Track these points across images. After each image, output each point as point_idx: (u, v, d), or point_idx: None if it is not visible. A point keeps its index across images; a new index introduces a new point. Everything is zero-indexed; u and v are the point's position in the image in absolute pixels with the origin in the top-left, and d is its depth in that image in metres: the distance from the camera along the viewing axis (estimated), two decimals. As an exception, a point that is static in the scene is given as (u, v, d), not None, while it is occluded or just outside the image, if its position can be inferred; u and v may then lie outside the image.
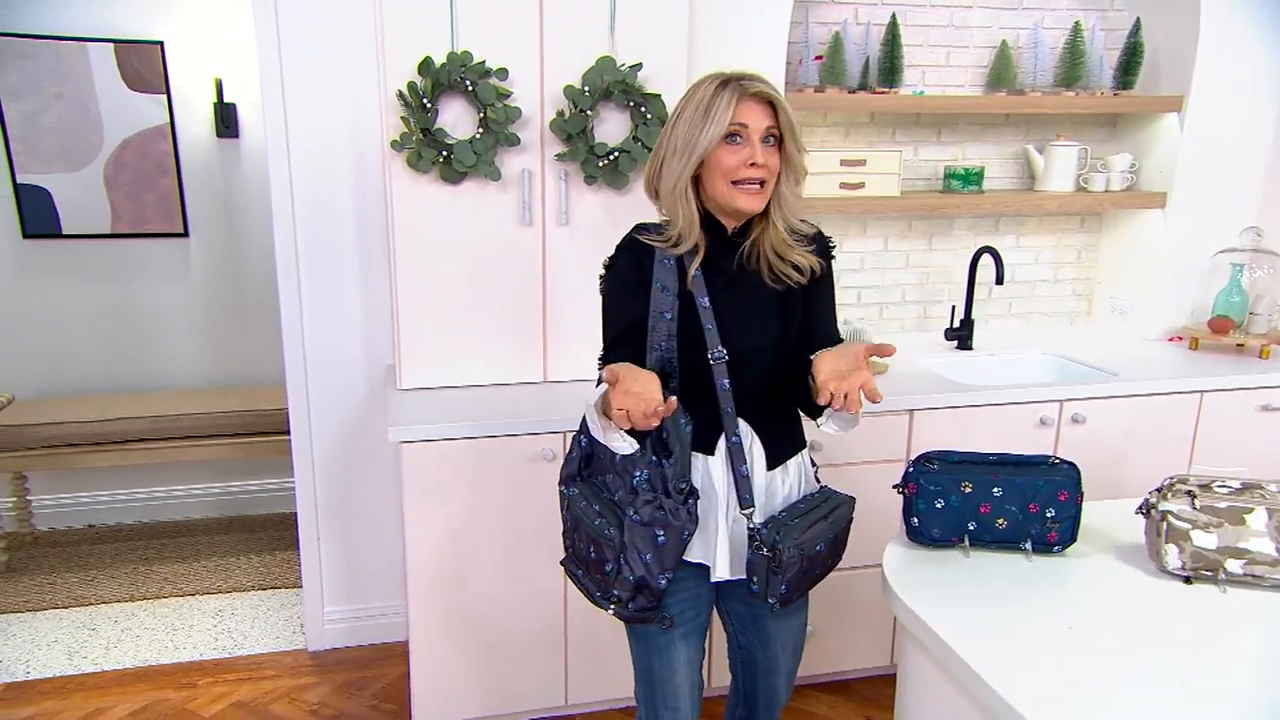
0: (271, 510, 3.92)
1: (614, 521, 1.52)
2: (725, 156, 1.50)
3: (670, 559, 1.50)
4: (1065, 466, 1.55)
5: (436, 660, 2.34)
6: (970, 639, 1.30)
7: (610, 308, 1.62)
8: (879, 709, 2.57)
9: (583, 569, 1.63)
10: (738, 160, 1.49)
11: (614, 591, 1.53)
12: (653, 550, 1.48)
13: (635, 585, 1.50)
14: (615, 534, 1.50)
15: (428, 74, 2.24)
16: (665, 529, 1.48)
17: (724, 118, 1.47)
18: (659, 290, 1.54)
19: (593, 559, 1.56)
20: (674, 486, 1.48)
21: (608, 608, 1.56)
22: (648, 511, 1.48)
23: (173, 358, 3.77)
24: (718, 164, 1.50)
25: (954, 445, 2.47)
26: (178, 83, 3.56)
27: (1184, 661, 1.26)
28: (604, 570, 1.53)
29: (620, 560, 1.50)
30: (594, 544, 1.55)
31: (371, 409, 2.75)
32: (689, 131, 1.49)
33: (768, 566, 1.50)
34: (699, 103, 1.49)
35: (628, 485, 1.53)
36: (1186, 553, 1.42)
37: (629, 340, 1.57)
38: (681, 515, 1.48)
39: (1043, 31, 2.95)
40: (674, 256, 1.56)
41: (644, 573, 1.49)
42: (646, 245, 1.58)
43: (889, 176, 2.80)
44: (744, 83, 1.49)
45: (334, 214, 2.61)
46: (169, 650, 2.87)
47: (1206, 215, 2.99)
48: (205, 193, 3.68)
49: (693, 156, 1.49)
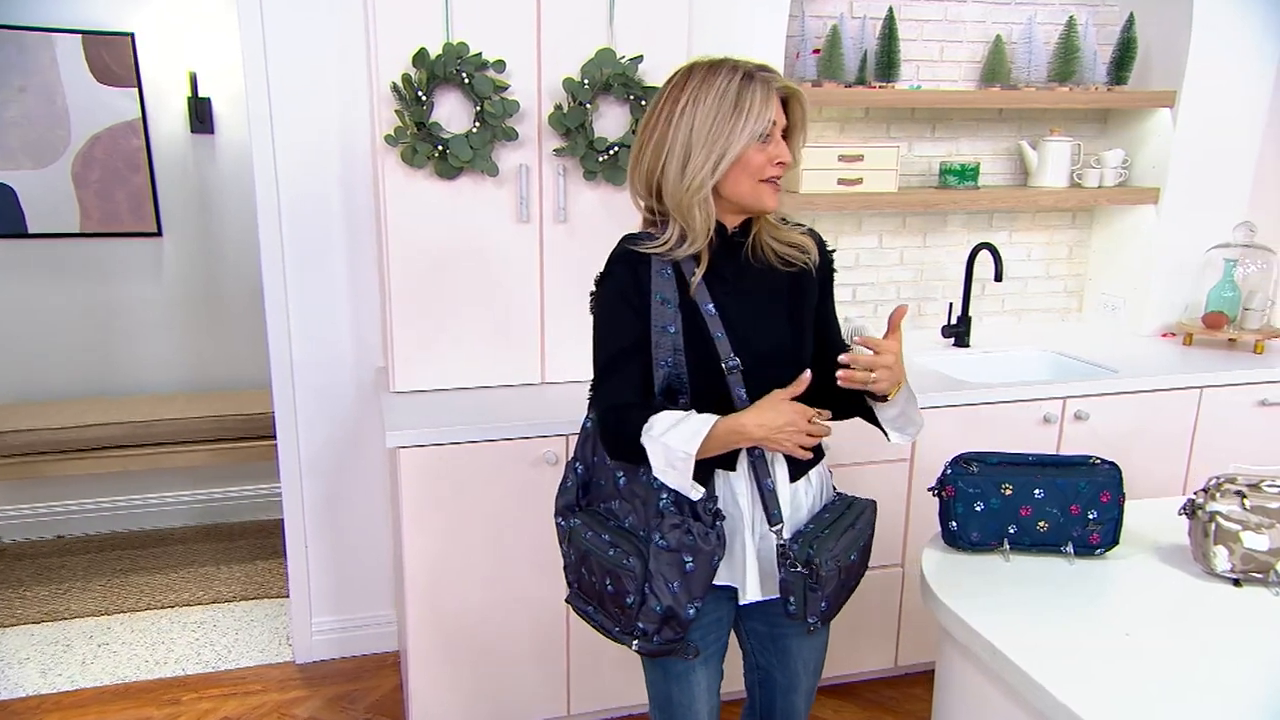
0: (253, 518, 3.81)
1: (632, 550, 1.44)
2: (755, 155, 1.42)
3: (699, 587, 1.41)
4: (1107, 467, 1.52)
5: (434, 671, 2.26)
6: (1025, 648, 1.26)
7: (606, 326, 1.50)
8: (884, 712, 2.54)
9: (594, 604, 1.54)
10: (766, 158, 1.42)
11: (638, 625, 1.43)
12: (680, 578, 1.39)
13: (663, 617, 1.41)
14: (637, 563, 1.42)
15: (422, 66, 2.16)
16: (695, 555, 1.39)
17: (764, 115, 1.39)
18: (659, 303, 1.45)
19: (610, 592, 1.46)
20: (703, 508, 1.41)
21: (630, 643, 1.47)
22: (676, 536, 1.39)
23: (147, 361, 3.64)
24: (747, 162, 1.41)
25: (959, 445, 2.46)
26: (149, 76, 3.44)
27: (1246, 669, 1.22)
28: (624, 603, 1.44)
29: (646, 590, 1.41)
30: (610, 576, 1.45)
31: (361, 412, 2.67)
32: (718, 126, 1.39)
33: (805, 584, 1.42)
34: (721, 94, 1.39)
35: (653, 509, 1.44)
36: (1236, 555, 1.39)
37: (630, 360, 1.46)
38: (711, 540, 1.40)
39: (1036, 26, 2.93)
40: (671, 266, 1.46)
41: (671, 602, 1.40)
42: (642, 256, 1.47)
43: (887, 172, 2.77)
44: (768, 76, 1.42)
45: (322, 211, 2.52)
46: (149, 665, 2.76)
47: (1199, 211, 2.99)
48: (179, 190, 3.56)
49: (727, 154, 1.39)
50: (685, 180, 1.41)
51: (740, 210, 1.50)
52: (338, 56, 2.43)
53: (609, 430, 1.46)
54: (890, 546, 2.52)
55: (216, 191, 3.59)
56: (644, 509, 1.47)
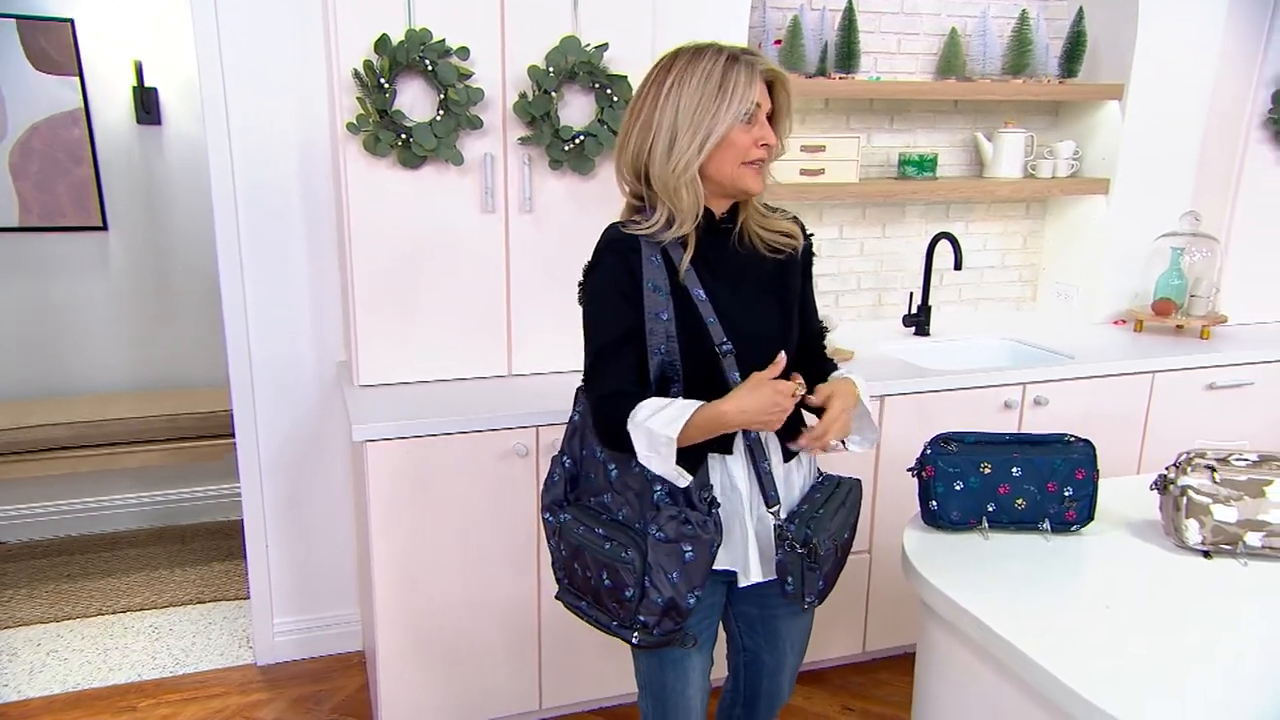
0: (206, 519, 3.71)
1: (629, 543, 1.43)
2: (740, 136, 1.42)
3: (699, 575, 1.41)
4: (1081, 444, 1.55)
5: (403, 668, 2.23)
6: (1012, 623, 1.28)
7: (599, 314, 1.49)
8: (853, 697, 2.57)
9: (588, 599, 1.53)
10: (750, 140, 1.43)
11: (639, 618, 1.43)
12: (680, 568, 1.39)
13: (664, 608, 1.41)
14: (635, 556, 1.41)
15: (384, 52, 2.12)
16: (694, 543, 1.39)
17: (748, 96, 1.40)
18: (651, 290, 1.44)
19: (608, 587, 1.45)
20: (698, 497, 1.41)
21: (631, 637, 1.46)
22: (673, 527, 1.39)
23: (94, 360, 3.52)
24: (731, 144, 1.42)
25: (923, 430, 2.49)
26: (92, 64, 3.32)
27: (1223, 637, 1.26)
28: (623, 597, 1.43)
29: (645, 583, 1.40)
30: (608, 570, 1.45)
31: (323, 408, 2.61)
32: (703, 107, 1.39)
33: (803, 564, 1.43)
34: (706, 76, 1.39)
35: (648, 502, 1.44)
36: (1207, 527, 1.43)
37: (625, 347, 1.45)
38: (710, 528, 1.40)
39: (990, 20, 2.98)
40: (660, 254, 1.45)
41: (672, 594, 1.40)
42: (632, 242, 1.46)
43: (848, 163, 2.80)
44: (752, 59, 1.42)
45: (280, 202, 2.46)
46: (102, 672, 2.67)
47: (1147, 200, 3.07)
48: (125, 183, 3.44)
49: (712, 136, 1.40)
50: (672, 162, 1.42)
51: (725, 194, 1.50)
52: (295, 43, 2.37)
53: (602, 419, 1.44)
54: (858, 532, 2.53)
55: (165, 184, 3.48)
56: (638, 501, 1.46)
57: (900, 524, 2.51)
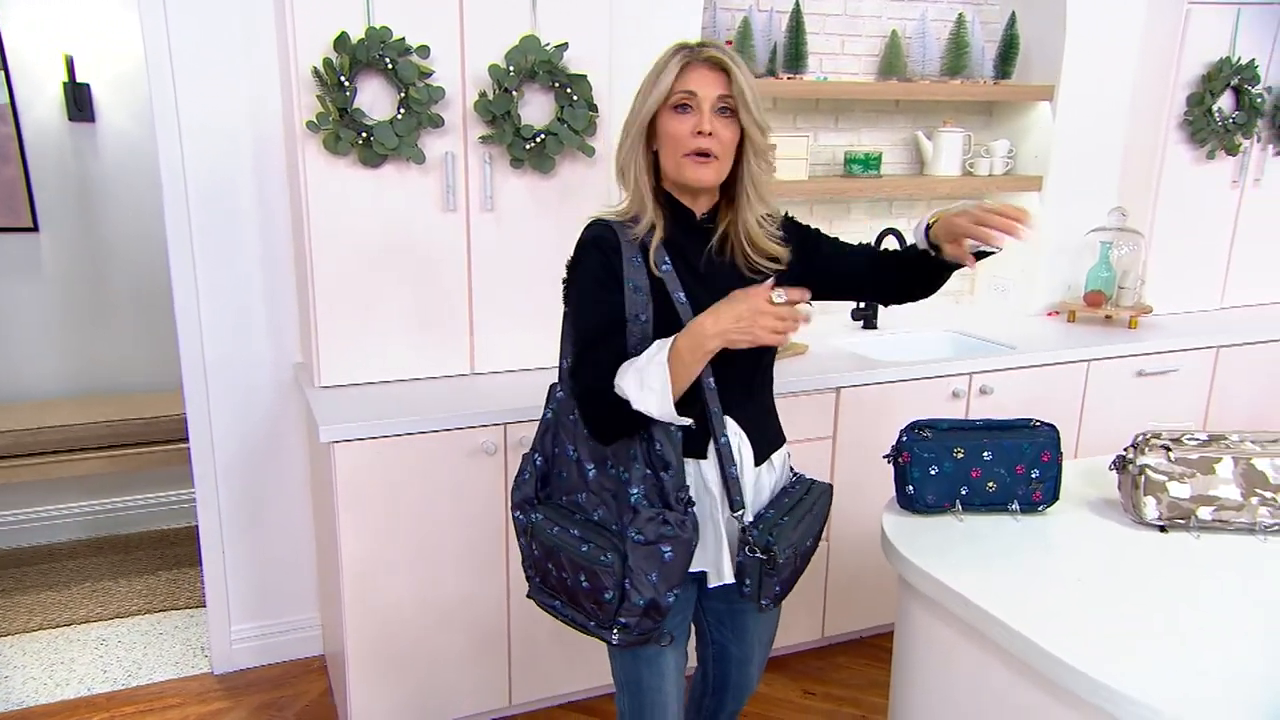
0: (151, 527, 3.60)
1: (608, 545, 1.43)
2: (672, 124, 1.44)
3: (677, 575, 1.42)
4: (1045, 428, 1.63)
5: (373, 670, 2.21)
6: (993, 597, 1.35)
7: (585, 302, 1.49)
8: (815, 682, 2.64)
9: (562, 599, 1.53)
10: (685, 128, 1.43)
11: (620, 619, 1.44)
12: (659, 569, 1.40)
13: (645, 609, 1.42)
14: (614, 559, 1.42)
15: (344, 50, 2.11)
16: (673, 543, 1.40)
17: (667, 81, 1.43)
18: (631, 291, 1.45)
19: (586, 589, 1.46)
20: (675, 498, 1.42)
21: (610, 637, 1.47)
22: (652, 529, 1.39)
23: (28, 366, 3.39)
24: (666, 133, 1.45)
25: (875, 420, 2.58)
26: (18, 59, 3.20)
27: (1182, 606, 1.36)
28: (602, 599, 1.44)
29: (626, 586, 1.41)
30: (585, 573, 1.45)
31: (280, 411, 2.57)
32: (640, 95, 1.46)
33: (761, 569, 1.46)
34: (654, 68, 1.46)
35: (625, 503, 1.44)
36: (1164, 503, 1.52)
37: (611, 337, 1.44)
38: (688, 527, 1.41)
39: (929, 22, 3.09)
40: (640, 255, 1.47)
41: (653, 594, 1.41)
42: (610, 239, 1.47)
43: (798, 161, 2.87)
44: (696, 48, 1.45)
45: (232, 202, 2.42)
46: (49, 688, 2.59)
47: (1078, 197, 3.22)
48: (57, 182, 3.32)
49: (637, 121, 1.46)
50: (623, 151, 1.50)
51: (687, 190, 1.51)
52: (247, 40, 2.34)
53: (589, 406, 1.44)
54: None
55: (100, 183, 3.37)
56: (615, 502, 1.47)
57: (857, 511, 2.60)
